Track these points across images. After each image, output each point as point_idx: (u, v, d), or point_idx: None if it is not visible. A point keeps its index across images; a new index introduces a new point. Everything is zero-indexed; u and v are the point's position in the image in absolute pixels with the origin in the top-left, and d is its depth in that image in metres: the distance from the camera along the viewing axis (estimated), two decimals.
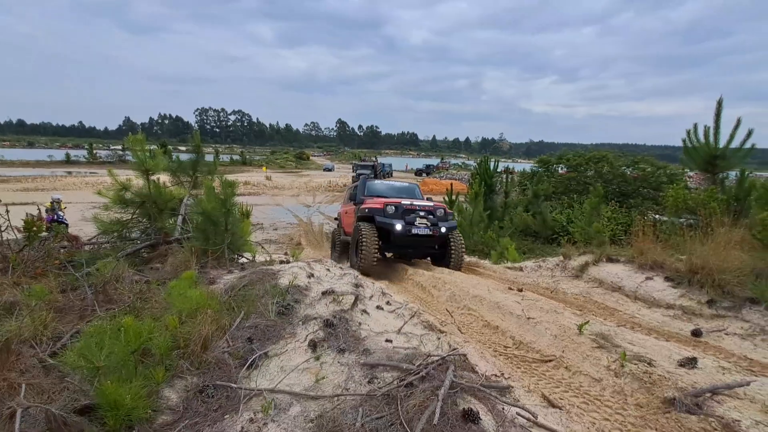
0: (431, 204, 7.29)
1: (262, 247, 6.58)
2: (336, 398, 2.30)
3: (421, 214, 6.83)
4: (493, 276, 6.61)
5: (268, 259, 5.65)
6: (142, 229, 5.97)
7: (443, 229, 6.74)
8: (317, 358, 2.70)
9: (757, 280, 3.73)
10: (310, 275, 4.81)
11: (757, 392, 2.43)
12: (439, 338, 3.52)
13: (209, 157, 7.13)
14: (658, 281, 4.46)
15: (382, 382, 2.45)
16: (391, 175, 41.02)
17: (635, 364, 2.80)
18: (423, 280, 5.56)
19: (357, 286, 4.87)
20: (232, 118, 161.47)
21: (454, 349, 3.14)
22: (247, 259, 5.71)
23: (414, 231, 6.60)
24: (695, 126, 7.27)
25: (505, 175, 14.32)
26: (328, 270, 5.40)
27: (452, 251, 6.86)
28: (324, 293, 4.14)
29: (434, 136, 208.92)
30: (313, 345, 2.84)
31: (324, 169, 48.82)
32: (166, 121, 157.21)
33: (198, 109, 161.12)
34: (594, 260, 5.33)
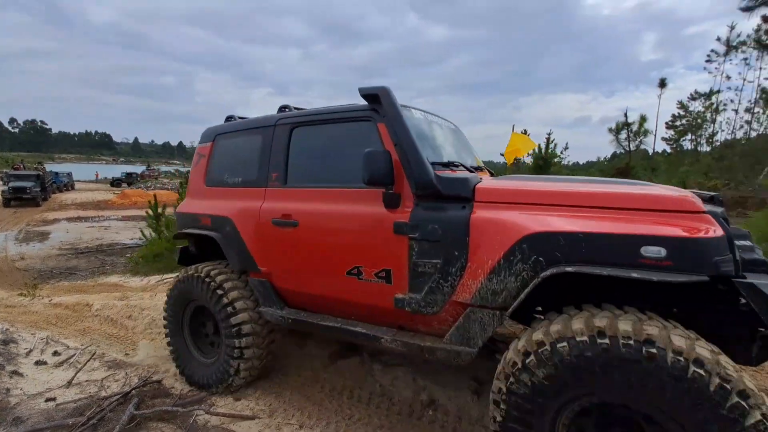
0: None
1: None
2: None
3: None
4: None
5: None
6: None
7: None
8: None
9: None
10: None
11: None
12: (127, 374, 3.19)
13: None
14: None
15: None
16: (73, 187, 31.69)
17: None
18: (112, 313, 4.75)
19: (6, 342, 3.65)
20: None
21: (147, 378, 2.95)
22: None
23: None
24: None
25: None
26: None
27: None
28: None
29: (137, 139, 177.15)
30: None
31: None
32: None
33: None
34: None
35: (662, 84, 20.75)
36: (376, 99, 2.17)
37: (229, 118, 3.18)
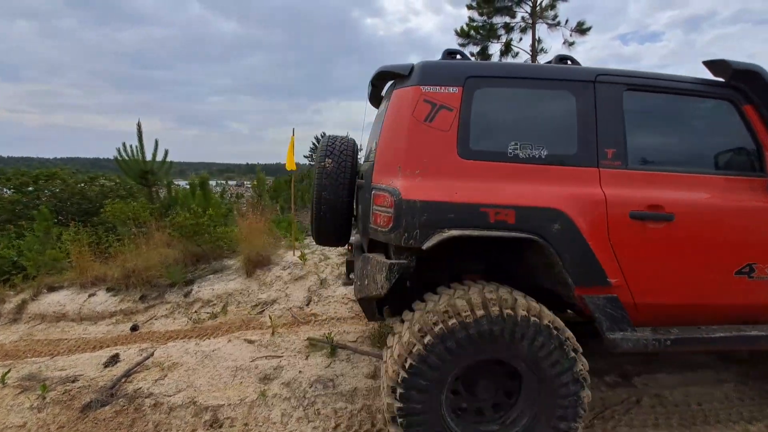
0: None
1: None
2: None
3: None
4: None
5: None
6: None
7: None
8: None
9: (169, 268, 4.85)
10: None
11: (158, 357, 3.19)
12: None
13: None
14: (100, 295, 4.68)
15: None
16: None
17: (59, 390, 2.81)
18: None
19: None
20: None
21: None
22: None
23: None
24: (124, 144, 8.09)
25: None
26: None
27: None
28: None
29: None
30: None
31: None
32: None
33: None
34: (32, 295, 4.73)
35: None
36: (747, 78, 2.11)
37: (451, 54, 2.24)
